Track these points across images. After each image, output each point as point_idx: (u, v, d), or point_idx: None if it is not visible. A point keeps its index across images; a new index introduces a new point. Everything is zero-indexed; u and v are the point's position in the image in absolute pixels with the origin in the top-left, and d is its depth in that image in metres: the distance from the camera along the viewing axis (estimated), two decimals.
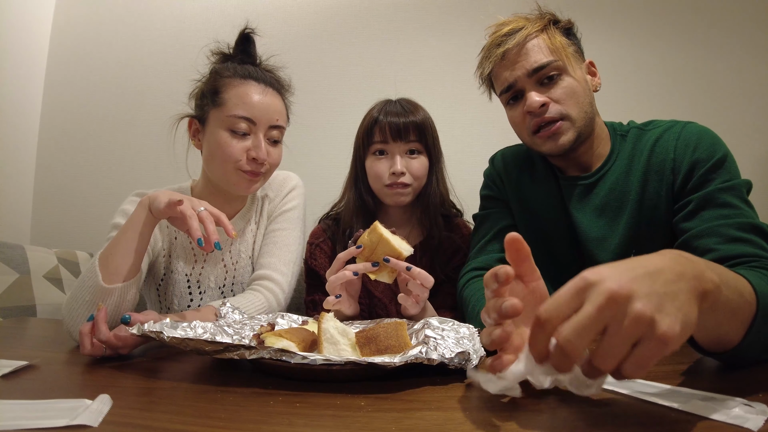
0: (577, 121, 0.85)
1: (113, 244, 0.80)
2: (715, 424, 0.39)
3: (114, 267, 0.78)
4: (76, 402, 0.46)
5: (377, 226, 0.78)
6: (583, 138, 0.87)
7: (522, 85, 0.86)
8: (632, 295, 0.36)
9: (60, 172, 1.93)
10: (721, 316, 0.47)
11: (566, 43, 0.87)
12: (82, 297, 0.77)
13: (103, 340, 0.65)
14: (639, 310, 0.35)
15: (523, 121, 0.89)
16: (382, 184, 1.08)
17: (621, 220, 0.87)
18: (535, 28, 0.86)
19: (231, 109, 0.94)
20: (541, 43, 0.85)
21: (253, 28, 1.04)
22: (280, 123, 0.99)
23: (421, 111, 1.12)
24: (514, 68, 0.86)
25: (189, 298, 1.06)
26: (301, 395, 0.50)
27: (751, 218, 0.73)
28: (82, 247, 1.74)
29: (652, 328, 0.35)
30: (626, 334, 0.36)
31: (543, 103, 0.84)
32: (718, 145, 0.81)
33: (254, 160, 0.95)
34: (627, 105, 1.75)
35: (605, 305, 0.36)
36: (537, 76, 0.85)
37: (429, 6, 1.89)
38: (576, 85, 0.85)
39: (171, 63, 1.90)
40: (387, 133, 1.06)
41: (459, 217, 1.21)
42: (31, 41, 1.90)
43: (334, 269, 0.81)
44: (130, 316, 0.68)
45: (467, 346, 0.57)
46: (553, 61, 0.84)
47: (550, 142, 0.86)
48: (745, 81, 1.79)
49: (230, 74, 0.98)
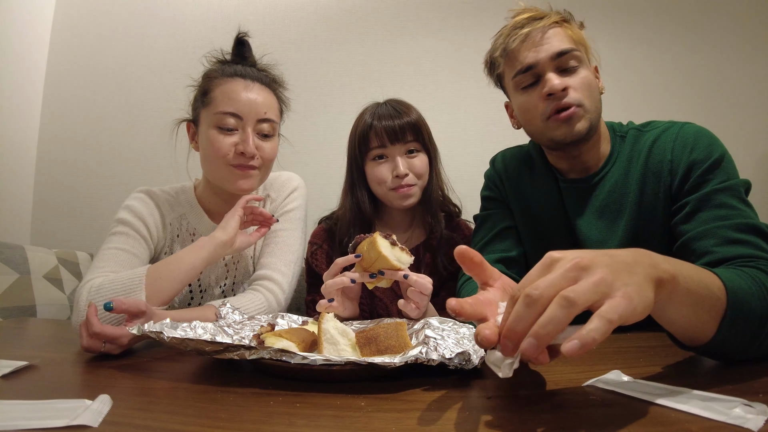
0: (591, 113, 0.85)
1: (166, 267, 0.84)
2: (715, 424, 0.39)
3: (159, 290, 0.81)
4: (76, 402, 0.45)
5: (376, 241, 0.76)
6: (593, 132, 0.87)
7: (542, 68, 0.84)
8: (593, 264, 0.40)
9: (60, 172, 1.93)
10: (685, 307, 0.49)
11: (584, 38, 0.88)
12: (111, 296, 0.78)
13: (97, 332, 0.66)
14: (601, 274, 0.39)
15: (536, 106, 0.86)
16: (387, 188, 1.08)
17: (620, 222, 0.87)
18: (557, 19, 0.87)
19: (217, 106, 0.96)
20: (563, 32, 0.86)
21: (246, 32, 1.05)
22: (268, 116, 0.99)
23: (413, 110, 1.11)
24: (538, 50, 0.85)
25: (190, 297, 1.06)
26: (301, 395, 0.50)
27: (749, 218, 0.72)
28: (82, 247, 1.74)
29: (611, 290, 0.39)
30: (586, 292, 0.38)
31: (565, 87, 0.83)
32: (715, 146, 0.80)
33: (242, 154, 0.96)
34: (627, 105, 1.75)
35: (570, 269, 0.40)
36: (559, 60, 0.84)
37: (430, 7, 1.89)
38: (592, 79, 0.86)
39: (171, 63, 1.91)
40: (384, 138, 1.06)
41: (459, 215, 1.22)
42: (31, 41, 1.90)
43: (332, 273, 0.81)
44: (113, 301, 0.70)
45: (467, 346, 0.57)
46: (575, 49, 0.85)
47: (565, 127, 0.84)
48: (745, 81, 1.79)
49: (217, 74, 1.00)
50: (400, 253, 0.78)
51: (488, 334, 0.43)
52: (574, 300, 0.38)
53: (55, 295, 1.40)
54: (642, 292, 0.40)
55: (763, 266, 0.62)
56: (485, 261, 0.55)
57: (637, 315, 0.39)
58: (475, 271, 0.55)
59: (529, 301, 0.39)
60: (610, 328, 0.37)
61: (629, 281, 0.40)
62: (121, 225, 0.98)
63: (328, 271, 0.81)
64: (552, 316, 0.38)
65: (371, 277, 0.78)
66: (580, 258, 0.41)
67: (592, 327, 0.36)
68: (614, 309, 0.37)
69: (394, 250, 0.77)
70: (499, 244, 0.98)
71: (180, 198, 1.08)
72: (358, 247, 0.80)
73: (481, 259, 0.54)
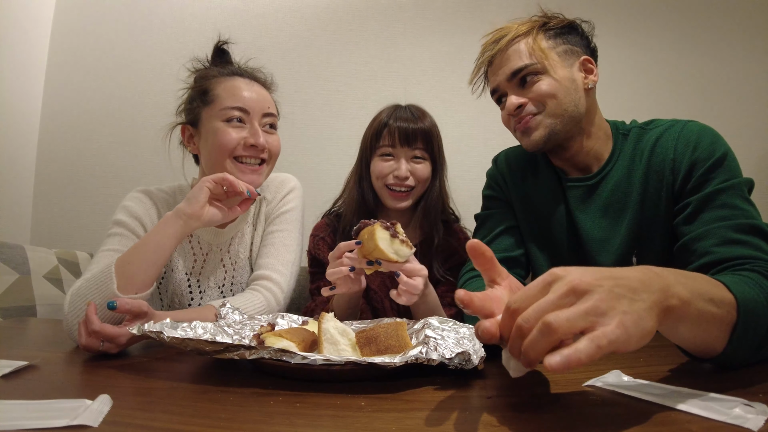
0: (553, 118, 0.86)
1: (133, 253, 0.80)
2: (715, 424, 0.39)
3: (130, 276, 0.78)
4: (76, 402, 0.45)
5: (375, 233, 0.77)
6: (561, 136, 0.87)
7: (504, 88, 0.91)
8: (591, 289, 0.39)
9: (60, 172, 1.93)
10: (696, 328, 0.48)
11: (551, 46, 0.87)
12: (90, 298, 0.76)
13: (97, 330, 0.66)
14: (595, 301, 0.38)
15: (508, 122, 0.93)
16: (383, 183, 1.14)
17: (623, 220, 0.87)
18: (519, 33, 0.88)
19: (223, 102, 0.96)
20: (522, 47, 0.87)
21: (226, 39, 1.07)
22: (271, 110, 1.02)
23: (428, 119, 1.17)
24: (497, 74, 0.91)
25: (189, 297, 1.06)
26: (301, 395, 0.50)
27: (751, 218, 0.72)
28: (82, 247, 1.74)
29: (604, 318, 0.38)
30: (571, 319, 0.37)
31: (519, 105, 0.87)
32: (717, 144, 0.80)
33: (253, 146, 0.96)
34: (627, 105, 1.75)
35: (565, 294, 0.39)
36: (515, 79, 0.88)
37: (429, 6, 1.89)
38: (556, 85, 0.85)
39: (171, 63, 1.90)
40: (395, 138, 1.12)
41: (457, 223, 1.27)
42: (31, 41, 1.90)
43: (335, 255, 0.84)
44: (116, 301, 0.69)
45: (467, 346, 0.57)
46: (530, 64, 0.86)
47: (525, 138, 0.90)
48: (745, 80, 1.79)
49: (216, 74, 1.01)
50: (400, 246, 0.78)
51: (488, 326, 0.44)
52: (555, 328, 0.37)
53: (55, 295, 1.39)
54: (640, 321, 0.39)
55: (761, 268, 0.62)
56: (495, 257, 0.55)
57: (630, 345, 0.38)
58: (485, 267, 0.55)
59: (519, 331, 0.40)
60: (597, 353, 0.36)
61: (628, 309, 0.39)
62: (117, 226, 0.97)
63: (332, 253, 0.84)
64: (532, 341, 0.39)
65: (369, 264, 0.80)
66: (579, 281, 0.39)
67: (580, 347, 0.36)
68: (605, 335, 0.37)
69: (393, 243, 0.78)
70: (500, 243, 0.98)
71: (177, 197, 1.08)
72: (360, 233, 0.81)
73: (492, 255, 0.54)
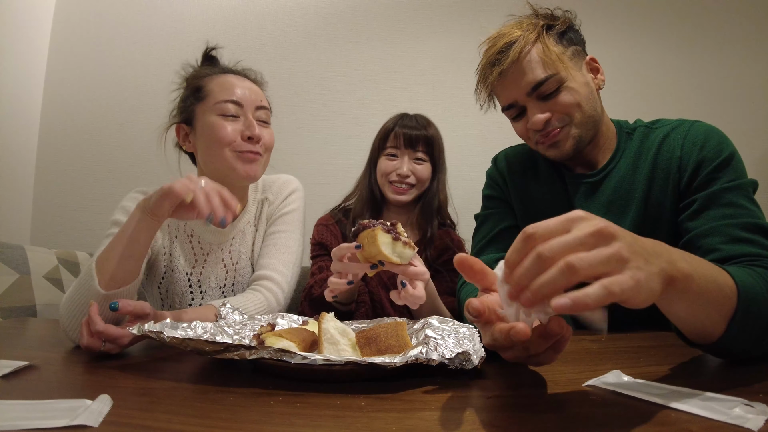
0: (580, 125, 0.85)
1: (110, 248, 0.79)
2: (715, 424, 0.39)
3: (110, 272, 0.76)
4: (76, 402, 0.45)
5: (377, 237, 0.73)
6: (586, 140, 0.87)
7: (522, 103, 0.87)
8: (617, 237, 0.39)
9: (60, 172, 1.93)
10: (696, 306, 0.49)
11: (562, 50, 0.84)
12: (78, 299, 0.76)
13: (100, 330, 0.66)
14: (619, 248, 0.38)
15: (527, 135, 0.90)
16: (386, 180, 1.28)
17: (626, 218, 0.87)
18: (529, 40, 0.83)
19: (217, 96, 0.98)
20: (536, 56, 0.82)
21: (215, 46, 1.10)
22: (264, 104, 1.03)
23: (432, 127, 1.31)
24: (513, 88, 0.86)
25: (190, 297, 1.06)
26: (301, 395, 0.50)
27: (757, 218, 0.73)
28: (82, 247, 1.74)
29: (622, 267, 0.38)
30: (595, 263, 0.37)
31: (546, 120, 0.84)
32: (724, 144, 0.80)
33: (249, 138, 0.98)
34: (629, 104, 1.75)
35: (591, 234, 0.39)
36: (537, 93, 0.84)
37: (429, 7, 1.89)
38: (578, 93, 0.83)
39: (171, 63, 1.89)
40: (400, 141, 1.27)
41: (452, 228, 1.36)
42: (31, 41, 1.90)
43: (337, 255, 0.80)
44: (118, 302, 0.69)
45: (467, 346, 0.57)
46: (550, 75, 0.82)
47: (553, 150, 0.88)
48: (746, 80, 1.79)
49: (208, 72, 1.03)
50: (402, 249, 0.75)
51: (477, 305, 0.45)
52: (577, 270, 0.37)
53: (55, 295, 1.39)
54: (650, 281, 0.39)
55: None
56: (485, 267, 0.53)
57: (638, 301, 0.38)
58: (476, 278, 0.53)
59: (538, 260, 0.39)
60: (607, 299, 0.36)
61: (643, 267, 0.39)
62: (114, 227, 0.96)
63: (334, 252, 0.81)
64: (550, 278, 0.38)
65: (372, 268, 0.78)
66: (606, 225, 0.39)
67: (589, 291, 0.36)
68: (619, 283, 0.37)
69: (396, 246, 0.75)
70: (500, 243, 0.98)
71: None
72: (359, 236, 0.77)
73: (482, 266, 0.53)
